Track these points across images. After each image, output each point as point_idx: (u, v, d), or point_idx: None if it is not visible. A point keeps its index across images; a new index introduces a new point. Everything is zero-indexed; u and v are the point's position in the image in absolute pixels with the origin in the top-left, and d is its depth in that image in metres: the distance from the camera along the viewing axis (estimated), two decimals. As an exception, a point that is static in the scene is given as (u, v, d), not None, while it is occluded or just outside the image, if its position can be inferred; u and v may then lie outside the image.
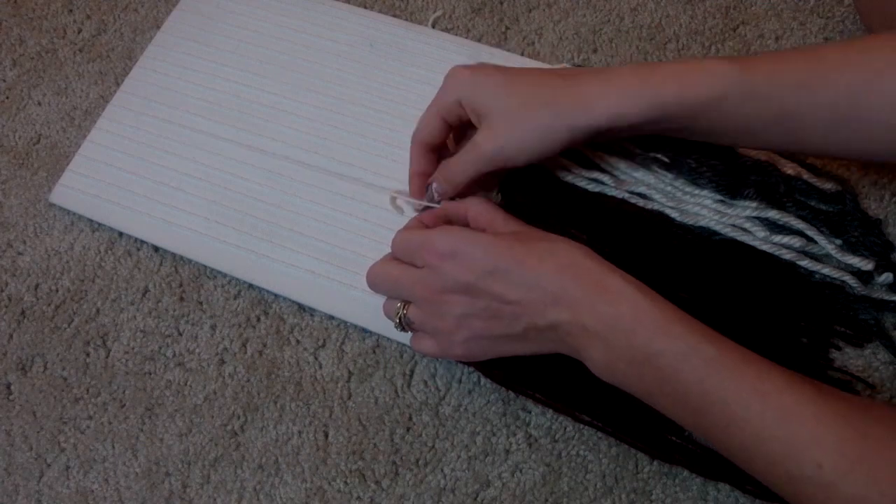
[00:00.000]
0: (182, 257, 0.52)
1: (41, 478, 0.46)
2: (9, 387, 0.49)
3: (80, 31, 0.62)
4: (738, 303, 0.46)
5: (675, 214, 0.49)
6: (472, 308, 0.40)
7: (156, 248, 0.53)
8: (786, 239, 0.47)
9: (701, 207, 0.49)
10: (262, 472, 0.46)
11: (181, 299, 0.51)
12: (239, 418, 0.47)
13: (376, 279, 0.44)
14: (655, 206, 0.49)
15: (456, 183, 0.46)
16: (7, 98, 0.60)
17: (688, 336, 0.35)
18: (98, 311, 0.51)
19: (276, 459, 0.46)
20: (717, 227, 0.48)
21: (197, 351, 0.49)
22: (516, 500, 0.44)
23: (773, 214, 0.48)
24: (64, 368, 0.49)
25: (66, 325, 0.51)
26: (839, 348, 0.46)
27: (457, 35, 0.59)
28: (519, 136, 0.42)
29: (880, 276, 0.46)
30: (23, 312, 0.51)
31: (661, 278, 0.47)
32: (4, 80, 0.60)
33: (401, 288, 0.42)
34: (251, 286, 0.51)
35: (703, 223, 0.48)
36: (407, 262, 0.42)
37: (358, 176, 0.53)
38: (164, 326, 0.50)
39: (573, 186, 0.50)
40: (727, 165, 0.50)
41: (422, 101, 0.50)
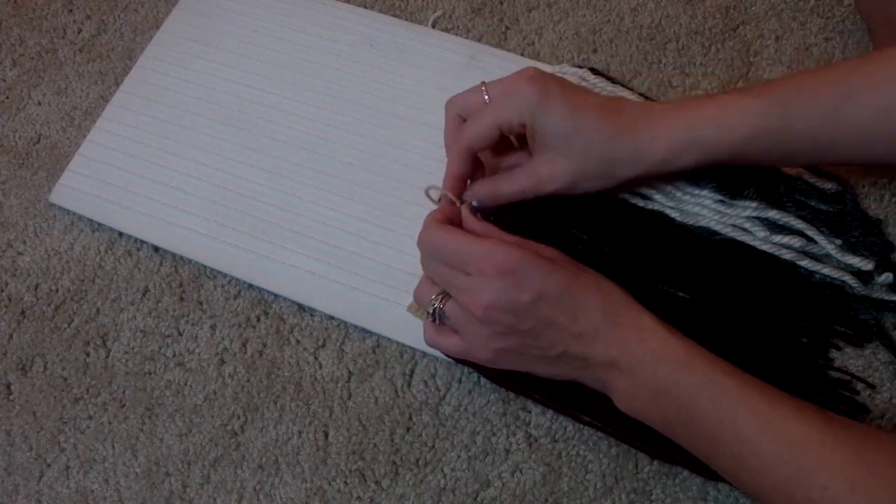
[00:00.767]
0: (182, 257, 0.52)
1: (41, 478, 0.46)
2: (9, 387, 0.49)
3: (80, 31, 0.62)
4: (738, 303, 0.46)
5: (675, 214, 0.49)
6: (515, 326, 0.40)
7: (156, 248, 0.53)
8: (786, 239, 0.47)
9: (701, 207, 0.49)
10: (262, 472, 0.46)
11: (181, 299, 0.51)
12: (239, 418, 0.47)
13: (437, 249, 0.42)
14: (655, 206, 0.49)
15: (501, 202, 0.47)
16: (7, 98, 0.60)
17: (706, 369, 0.38)
18: (98, 311, 0.51)
19: (276, 459, 0.46)
20: (717, 227, 0.48)
21: (197, 351, 0.49)
22: (516, 500, 0.44)
23: (773, 214, 0.48)
24: (64, 368, 0.49)
25: (66, 325, 0.51)
26: (839, 348, 0.46)
27: (457, 35, 0.59)
28: (577, 180, 0.45)
29: (880, 276, 0.46)
30: (23, 312, 0.51)
31: (662, 278, 0.47)
32: (4, 80, 0.60)
33: (450, 285, 0.42)
34: (251, 286, 0.51)
35: (704, 223, 0.48)
36: (455, 267, 0.41)
37: (358, 176, 0.53)
38: (164, 326, 0.50)
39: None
40: (727, 166, 0.50)
41: (422, 100, 0.51)
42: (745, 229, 0.48)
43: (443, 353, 0.45)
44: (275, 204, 0.52)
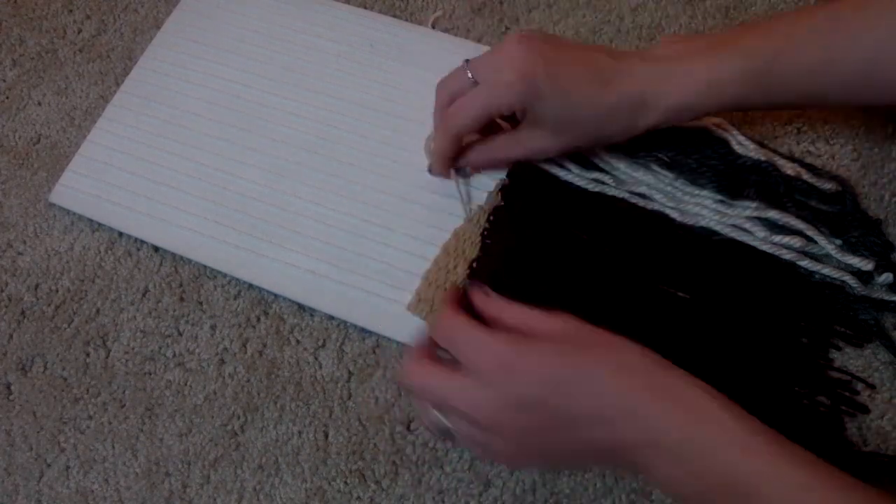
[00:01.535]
0: (182, 257, 0.52)
1: (41, 478, 0.46)
2: (9, 387, 0.49)
3: (80, 31, 0.62)
4: (738, 303, 0.46)
5: (675, 214, 0.49)
6: (527, 425, 0.35)
7: (156, 248, 0.53)
8: (786, 239, 0.47)
9: (701, 207, 0.49)
10: (262, 473, 0.46)
11: (181, 299, 0.51)
12: (239, 418, 0.47)
13: (422, 392, 0.38)
14: (655, 206, 0.49)
15: (494, 164, 0.50)
16: (7, 98, 0.60)
17: (766, 454, 0.32)
18: (98, 311, 0.51)
19: (276, 459, 0.46)
20: (718, 227, 0.48)
21: (197, 351, 0.49)
22: (516, 500, 0.44)
23: (773, 214, 0.48)
24: (64, 368, 0.49)
25: (66, 326, 0.51)
26: (839, 348, 0.46)
27: (457, 35, 0.59)
28: (565, 150, 0.48)
29: (880, 276, 0.46)
30: (23, 312, 0.51)
31: (662, 278, 0.47)
32: (4, 80, 0.61)
33: (444, 404, 0.37)
34: (251, 286, 0.51)
35: (704, 223, 0.48)
36: (449, 352, 0.38)
37: (358, 176, 0.53)
38: (164, 326, 0.50)
39: (573, 186, 0.50)
40: (727, 166, 0.50)
41: (422, 100, 0.50)
42: (745, 229, 0.48)
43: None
44: (275, 204, 0.52)
